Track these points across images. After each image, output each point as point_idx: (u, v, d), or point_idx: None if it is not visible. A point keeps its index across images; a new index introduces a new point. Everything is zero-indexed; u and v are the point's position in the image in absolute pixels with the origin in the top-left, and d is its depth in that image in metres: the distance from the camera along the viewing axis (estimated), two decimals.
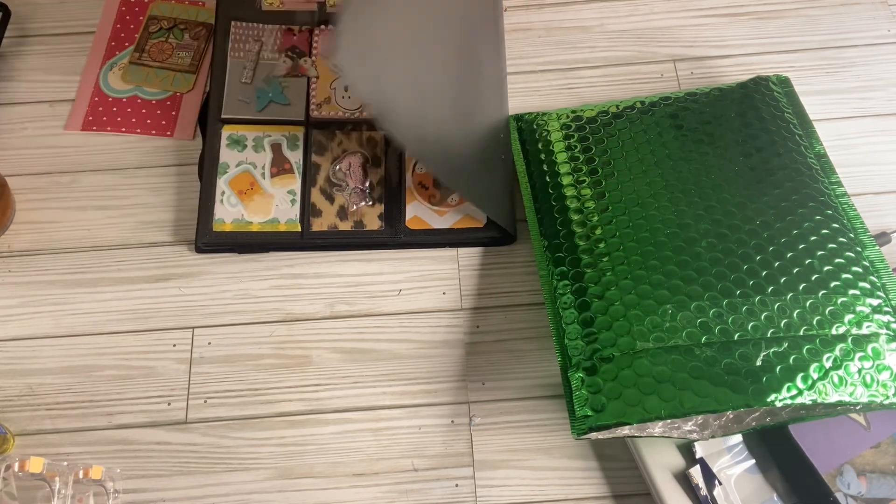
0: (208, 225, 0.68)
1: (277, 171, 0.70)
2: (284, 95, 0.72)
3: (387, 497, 0.60)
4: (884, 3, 0.79)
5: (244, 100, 0.71)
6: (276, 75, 0.72)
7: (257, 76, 0.72)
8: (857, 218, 0.61)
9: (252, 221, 0.68)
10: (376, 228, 0.68)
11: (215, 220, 0.68)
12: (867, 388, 0.52)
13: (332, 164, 0.70)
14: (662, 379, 0.54)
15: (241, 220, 0.68)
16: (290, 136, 0.71)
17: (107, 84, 0.76)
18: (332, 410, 0.63)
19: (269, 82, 0.72)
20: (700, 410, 0.52)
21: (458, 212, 0.69)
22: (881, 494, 0.54)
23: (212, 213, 0.68)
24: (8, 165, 0.73)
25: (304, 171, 0.70)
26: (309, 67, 0.73)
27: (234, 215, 0.68)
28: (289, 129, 0.71)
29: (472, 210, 0.69)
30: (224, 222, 0.68)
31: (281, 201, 0.69)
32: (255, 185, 0.69)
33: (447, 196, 0.69)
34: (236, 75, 0.72)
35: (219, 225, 0.68)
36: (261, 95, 0.71)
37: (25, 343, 0.66)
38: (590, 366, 0.57)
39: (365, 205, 0.69)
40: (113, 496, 0.60)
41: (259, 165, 0.70)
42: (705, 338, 0.55)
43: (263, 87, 0.71)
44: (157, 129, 0.74)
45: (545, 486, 0.61)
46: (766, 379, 0.52)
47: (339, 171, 0.69)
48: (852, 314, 0.55)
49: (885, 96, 0.75)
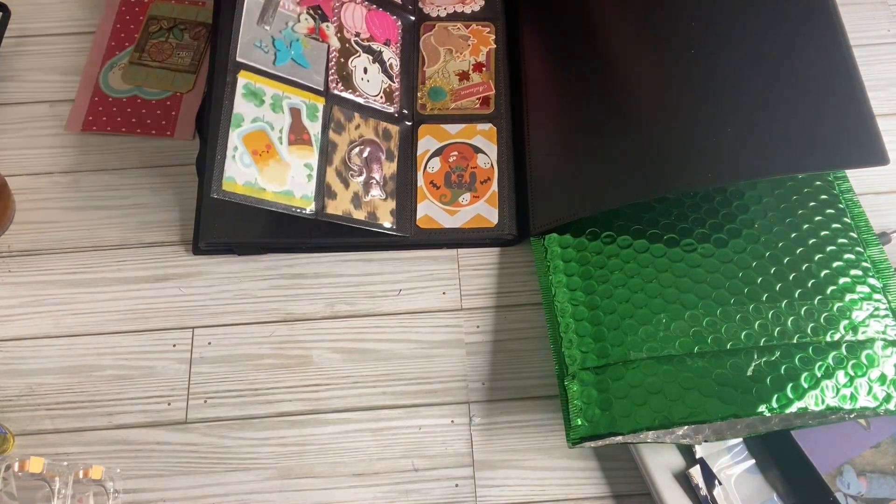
0: (211, 221, 0.65)
1: (296, 140, 0.63)
2: (305, 57, 0.65)
3: (387, 497, 0.60)
4: (884, 3, 0.79)
5: (262, 48, 0.63)
6: (297, 31, 0.65)
7: (276, 25, 0.64)
8: (861, 216, 0.61)
9: (266, 188, 0.61)
10: (388, 224, 0.67)
11: (225, 178, 0.59)
12: (858, 397, 0.52)
13: (350, 146, 0.66)
14: (654, 390, 0.54)
15: (255, 185, 0.60)
16: (310, 104, 0.65)
17: (107, 84, 0.76)
18: (332, 410, 0.63)
19: (289, 38, 0.64)
20: (689, 421, 0.53)
21: (470, 211, 0.69)
22: (881, 494, 0.54)
23: (222, 168, 0.59)
24: (8, 165, 0.73)
25: (321, 147, 0.65)
26: (331, 35, 0.68)
27: (247, 177, 0.60)
28: (309, 96, 0.65)
29: (483, 209, 0.68)
30: (235, 181, 0.59)
31: (297, 173, 0.63)
32: (271, 149, 0.62)
33: (458, 195, 0.69)
34: (252, 14, 0.63)
35: (229, 184, 0.59)
36: (281, 49, 0.64)
37: (25, 343, 0.66)
38: (585, 376, 0.57)
39: (379, 197, 0.66)
40: (113, 496, 0.60)
41: (277, 128, 0.63)
42: (697, 348, 0.55)
43: (283, 42, 0.64)
44: (157, 129, 0.74)
45: (545, 486, 0.61)
46: (755, 389, 0.52)
47: (354, 155, 0.66)
48: (848, 320, 0.55)
49: (885, 96, 0.75)
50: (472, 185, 0.69)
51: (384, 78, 0.71)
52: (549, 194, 0.66)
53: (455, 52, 0.74)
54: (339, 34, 0.69)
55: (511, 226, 0.67)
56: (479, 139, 0.71)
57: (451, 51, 0.74)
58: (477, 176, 0.69)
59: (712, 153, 0.55)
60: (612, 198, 0.61)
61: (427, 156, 0.70)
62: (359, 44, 0.70)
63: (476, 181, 0.69)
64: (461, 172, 0.69)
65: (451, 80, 0.73)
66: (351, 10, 0.70)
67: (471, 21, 0.76)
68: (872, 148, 0.51)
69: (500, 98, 0.72)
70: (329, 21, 0.68)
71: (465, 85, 0.73)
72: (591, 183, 0.63)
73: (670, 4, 0.61)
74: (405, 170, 0.70)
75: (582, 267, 0.62)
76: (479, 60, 0.74)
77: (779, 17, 0.55)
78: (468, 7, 0.76)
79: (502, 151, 0.70)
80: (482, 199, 0.68)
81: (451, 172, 0.69)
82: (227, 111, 0.60)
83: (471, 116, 0.72)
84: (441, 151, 0.70)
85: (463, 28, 0.75)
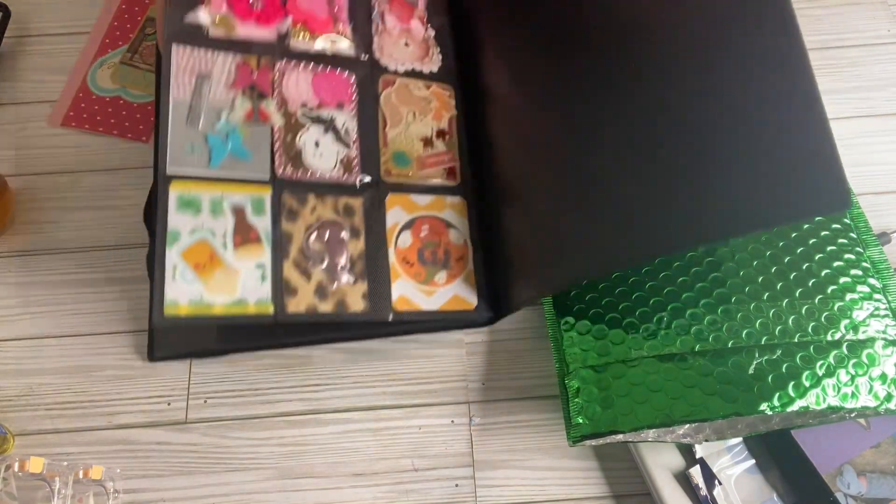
0: (164, 335, 0.60)
1: (242, 241, 0.57)
2: (245, 147, 0.59)
3: (387, 497, 0.60)
4: (884, 3, 0.79)
5: (193, 151, 0.57)
6: (232, 121, 0.59)
7: (208, 119, 0.59)
8: (861, 216, 0.61)
9: (214, 303, 0.55)
10: (360, 310, 0.60)
11: (167, 302, 0.53)
12: (860, 395, 0.52)
13: (306, 232, 0.59)
14: (655, 388, 0.54)
15: (200, 301, 0.54)
16: (255, 197, 0.59)
17: (94, 81, 0.76)
18: (332, 410, 0.63)
19: (225, 130, 0.58)
20: (691, 419, 0.53)
21: (448, 291, 0.63)
22: (881, 494, 0.54)
23: (162, 291, 0.53)
24: (8, 165, 0.73)
25: (273, 241, 0.58)
26: (273, 113, 0.61)
27: (191, 294, 0.54)
28: (253, 188, 0.59)
29: (461, 289, 0.63)
30: (178, 303, 0.54)
31: (248, 277, 0.57)
32: (214, 258, 0.56)
33: (434, 274, 0.63)
34: (180, 116, 0.58)
35: (171, 308, 0.53)
36: (215, 146, 0.58)
37: (25, 343, 0.66)
38: (586, 374, 0.57)
39: (347, 283, 0.60)
40: (113, 496, 0.59)
41: (219, 234, 0.57)
42: (699, 346, 0.55)
43: (218, 137, 0.58)
44: (134, 132, 0.74)
45: (545, 486, 0.61)
46: (757, 388, 0.52)
47: (313, 241, 0.59)
48: (848, 319, 0.55)
49: (885, 96, 0.75)
50: (448, 262, 0.64)
51: (340, 147, 0.63)
52: (527, 270, 0.61)
53: (418, 114, 0.67)
54: (281, 110, 0.61)
55: (492, 307, 0.63)
56: (450, 213, 0.65)
57: (415, 113, 0.67)
58: (451, 253, 0.64)
59: (668, 219, 0.52)
60: (586, 271, 0.57)
61: (397, 229, 0.63)
62: (307, 115, 0.62)
63: (451, 258, 0.64)
64: (434, 248, 0.64)
65: (414, 145, 0.66)
66: (294, 79, 0.62)
67: (431, 81, 0.69)
68: (840, 195, 0.46)
69: (465, 169, 0.67)
70: (269, 98, 0.61)
71: (430, 153, 0.66)
72: (566, 256, 0.58)
73: (621, 63, 0.56)
74: (375, 245, 0.62)
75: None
76: (442, 127, 0.68)
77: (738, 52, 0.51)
78: (426, 66, 0.69)
79: (473, 227, 0.65)
80: (459, 279, 0.63)
81: (424, 248, 0.63)
82: (161, 229, 0.55)
83: (439, 188, 0.66)
84: (411, 224, 0.64)
85: (424, 88, 0.68)
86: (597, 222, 0.56)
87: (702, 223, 0.50)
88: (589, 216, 0.57)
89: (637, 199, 0.54)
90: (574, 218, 0.58)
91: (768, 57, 0.49)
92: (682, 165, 0.52)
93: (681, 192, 0.52)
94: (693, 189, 0.51)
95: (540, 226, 0.61)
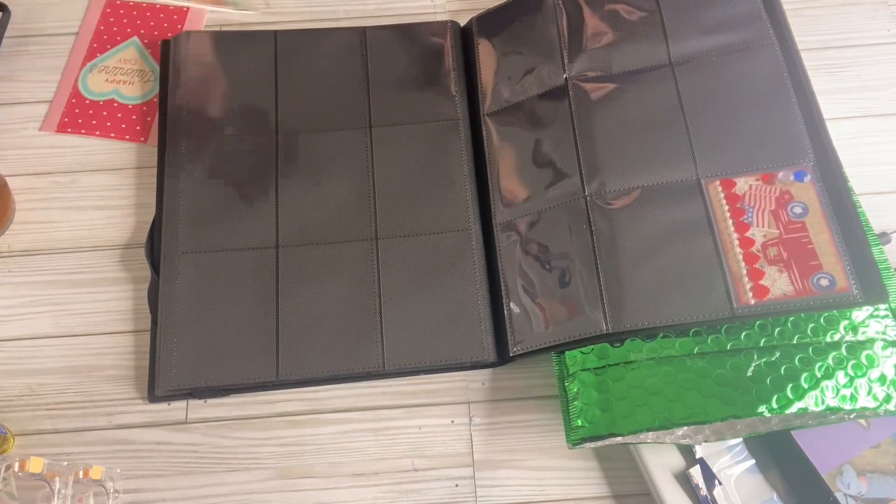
0: (168, 369, 0.61)
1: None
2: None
3: (387, 497, 0.60)
4: (884, 3, 0.79)
5: None
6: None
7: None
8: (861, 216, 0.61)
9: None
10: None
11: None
12: (858, 397, 0.52)
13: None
14: (654, 391, 0.54)
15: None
16: None
17: (85, 86, 0.76)
18: (332, 410, 0.63)
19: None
20: (689, 422, 0.53)
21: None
22: (881, 494, 0.54)
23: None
24: (8, 165, 0.73)
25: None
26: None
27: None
28: None
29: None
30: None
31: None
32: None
33: None
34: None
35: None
36: None
37: (25, 343, 0.66)
38: (585, 377, 0.57)
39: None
40: (113, 496, 0.60)
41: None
42: (697, 348, 0.55)
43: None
44: (132, 134, 0.74)
45: (545, 486, 0.61)
46: (755, 390, 0.53)
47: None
48: (847, 320, 0.55)
49: (886, 96, 0.75)
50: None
51: None
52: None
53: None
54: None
55: (498, 351, 0.63)
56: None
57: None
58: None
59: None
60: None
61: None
62: None
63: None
64: None
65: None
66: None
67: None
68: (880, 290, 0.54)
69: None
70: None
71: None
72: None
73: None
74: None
75: None
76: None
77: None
78: None
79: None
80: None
81: None
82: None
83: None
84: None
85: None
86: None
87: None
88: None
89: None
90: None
91: None
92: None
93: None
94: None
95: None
